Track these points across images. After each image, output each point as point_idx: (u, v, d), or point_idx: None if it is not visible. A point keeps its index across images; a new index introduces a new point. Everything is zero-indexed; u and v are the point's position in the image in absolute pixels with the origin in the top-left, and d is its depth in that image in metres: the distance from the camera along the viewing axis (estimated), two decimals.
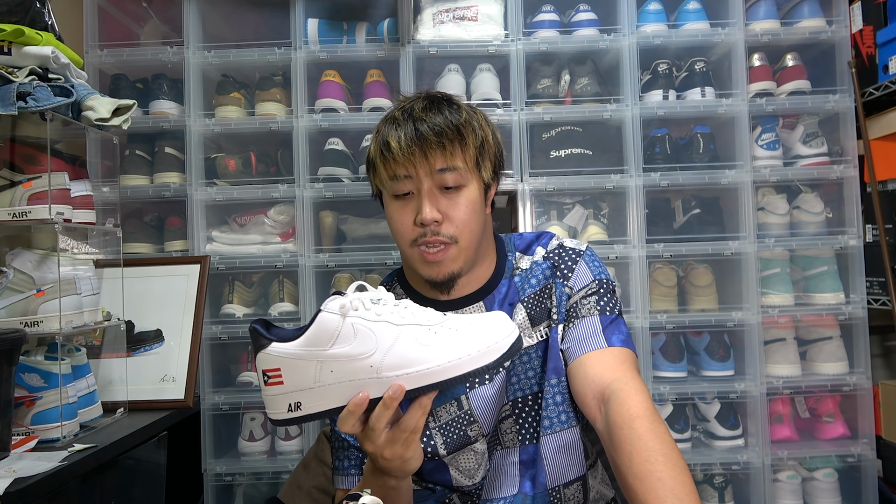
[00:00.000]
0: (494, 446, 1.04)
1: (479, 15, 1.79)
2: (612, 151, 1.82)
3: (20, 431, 1.21)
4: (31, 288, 1.26)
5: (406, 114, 0.97)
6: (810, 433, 1.85)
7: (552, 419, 1.00)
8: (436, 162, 0.94)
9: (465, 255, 0.98)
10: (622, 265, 1.79)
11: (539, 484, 1.01)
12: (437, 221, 0.95)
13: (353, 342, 0.73)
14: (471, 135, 0.97)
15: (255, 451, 1.79)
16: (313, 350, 0.73)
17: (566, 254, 1.05)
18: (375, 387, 0.73)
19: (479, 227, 0.99)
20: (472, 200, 0.97)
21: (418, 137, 0.94)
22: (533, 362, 1.02)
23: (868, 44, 1.85)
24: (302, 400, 0.74)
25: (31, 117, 1.26)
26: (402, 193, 0.97)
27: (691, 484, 0.75)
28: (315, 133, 1.84)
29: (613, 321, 0.99)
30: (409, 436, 0.77)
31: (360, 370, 0.73)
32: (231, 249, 1.81)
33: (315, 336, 0.73)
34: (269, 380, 0.74)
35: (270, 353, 0.74)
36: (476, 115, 1.02)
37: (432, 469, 1.04)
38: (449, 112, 0.97)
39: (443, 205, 0.96)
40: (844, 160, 1.80)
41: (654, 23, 1.83)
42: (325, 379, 0.73)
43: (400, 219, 0.98)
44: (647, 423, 0.81)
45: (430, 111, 0.97)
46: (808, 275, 1.84)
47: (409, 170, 0.95)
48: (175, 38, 1.83)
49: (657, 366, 1.82)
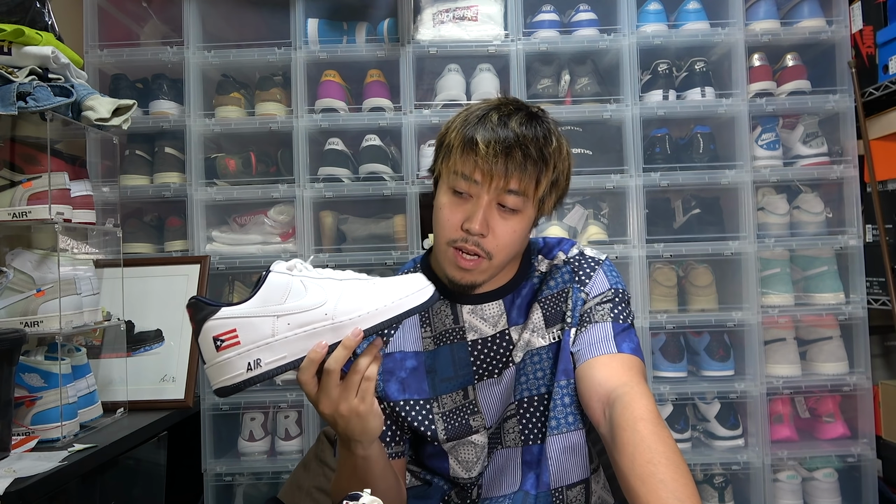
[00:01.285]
0: (495, 445, 1.05)
1: (479, 15, 1.79)
2: (612, 151, 1.82)
3: (20, 431, 1.21)
4: (31, 288, 1.26)
5: (502, 120, 0.95)
6: (810, 433, 1.85)
7: (559, 420, 1.01)
8: (510, 181, 0.94)
9: (494, 270, 0.99)
10: (622, 265, 1.79)
11: (542, 483, 1.01)
12: (482, 235, 0.95)
13: (305, 296, 0.78)
14: (552, 165, 0.96)
15: (255, 451, 1.79)
16: (268, 307, 0.77)
17: (585, 262, 1.06)
18: (331, 334, 0.78)
19: (515, 251, 1.00)
20: (522, 228, 0.98)
21: (506, 150, 0.92)
22: (543, 363, 1.03)
23: (868, 44, 1.85)
24: (261, 356, 0.77)
25: (31, 117, 1.26)
26: (461, 192, 0.97)
27: (693, 487, 0.76)
28: (315, 133, 1.84)
29: (625, 329, 1.00)
30: (364, 384, 0.81)
31: (315, 318, 0.77)
32: (231, 249, 1.81)
33: (268, 294, 0.77)
34: (223, 344, 0.76)
35: (221, 318, 0.76)
36: (563, 143, 1.00)
37: (431, 454, 1.06)
38: (542, 133, 0.96)
39: (494, 221, 0.95)
40: (844, 160, 1.80)
41: (654, 23, 1.83)
42: (282, 331, 0.77)
43: (449, 215, 0.97)
44: (650, 426, 0.83)
45: (526, 127, 0.95)
46: (808, 275, 1.84)
47: (482, 176, 0.94)
48: (175, 38, 1.83)
49: (657, 366, 1.82)
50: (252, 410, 1.79)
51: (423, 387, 1.04)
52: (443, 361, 1.04)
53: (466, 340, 1.04)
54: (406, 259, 1.76)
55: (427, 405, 1.03)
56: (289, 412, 1.80)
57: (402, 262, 1.76)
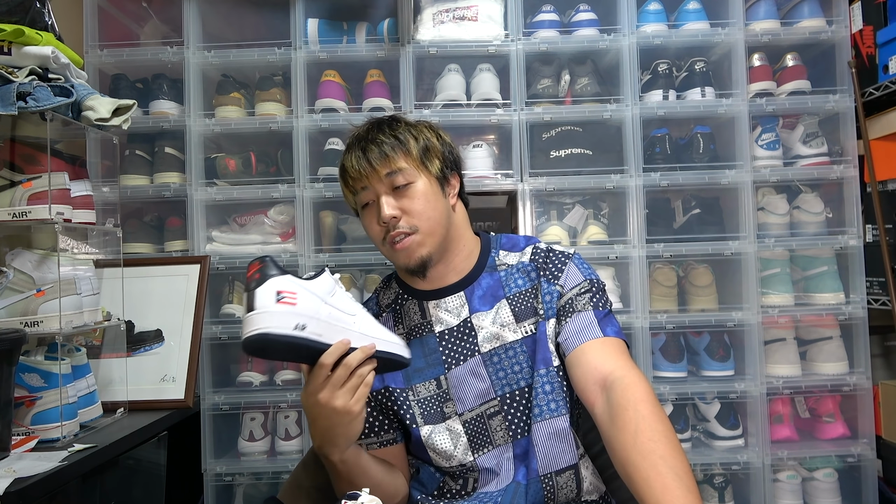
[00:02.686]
0: (485, 446, 1.09)
1: (479, 15, 1.79)
2: (612, 151, 1.82)
3: (20, 431, 1.21)
4: (31, 288, 1.26)
5: (356, 140, 1.12)
6: (810, 433, 1.85)
7: (542, 407, 1.06)
8: (382, 168, 1.07)
9: (431, 240, 1.09)
10: (622, 265, 1.79)
11: (532, 470, 1.05)
12: (395, 217, 1.07)
13: (345, 303, 0.95)
14: (410, 139, 1.10)
15: (255, 451, 1.79)
16: (321, 294, 0.92)
17: (555, 256, 1.14)
18: (354, 338, 0.93)
19: (437, 215, 1.09)
20: (424, 192, 1.09)
21: (365, 153, 1.08)
22: (518, 357, 1.09)
23: (868, 44, 1.85)
24: (308, 324, 0.89)
25: (31, 117, 1.26)
26: (365, 204, 1.11)
27: (688, 464, 0.85)
28: (315, 133, 1.84)
29: (606, 315, 1.08)
30: (362, 388, 0.93)
31: (346, 322, 0.93)
32: (231, 249, 1.81)
33: (322, 284, 0.93)
34: (284, 299, 0.87)
35: (291, 280, 0.89)
36: (417, 125, 1.15)
37: (415, 444, 1.13)
38: (389, 128, 1.12)
39: (398, 202, 1.08)
40: (844, 160, 1.80)
41: (654, 23, 1.83)
42: (325, 316, 0.91)
43: (369, 225, 1.11)
44: (650, 407, 0.91)
45: (374, 131, 1.11)
46: (808, 275, 1.84)
47: (364, 182, 1.09)
48: (175, 38, 1.83)
49: (657, 366, 1.82)
50: (252, 410, 1.79)
51: (398, 377, 1.13)
52: (415, 353, 1.11)
53: (434, 332, 1.12)
54: None
55: (403, 394, 1.13)
56: (289, 412, 1.80)
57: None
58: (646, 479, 0.83)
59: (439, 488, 1.12)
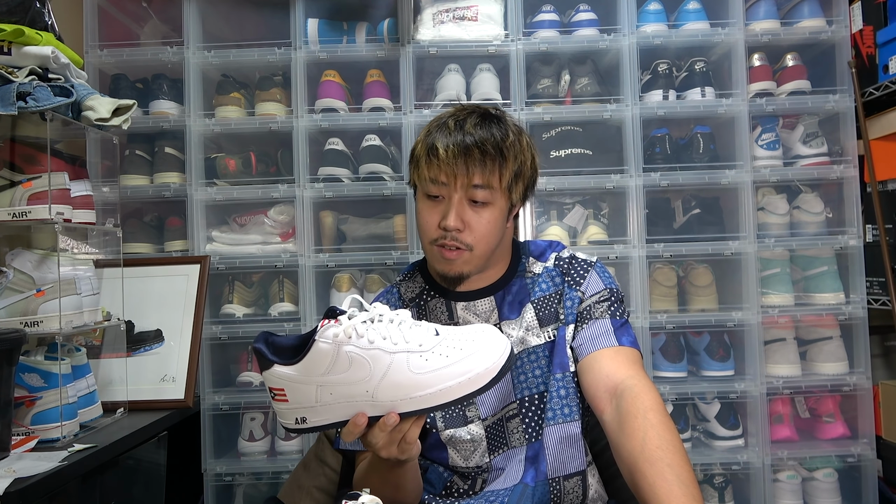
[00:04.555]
0: (501, 447, 1.08)
1: (479, 15, 1.79)
2: (612, 151, 1.82)
3: (20, 431, 1.21)
4: (31, 288, 1.26)
5: (458, 125, 1.04)
6: (810, 433, 1.85)
7: (556, 411, 1.06)
8: (473, 178, 1.02)
9: (478, 261, 1.07)
10: (622, 265, 1.79)
11: (540, 473, 1.05)
12: (458, 230, 1.03)
13: (349, 370, 0.78)
14: (510, 159, 1.04)
15: (255, 451, 1.79)
16: (311, 377, 0.79)
17: (578, 264, 1.13)
18: (372, 408, 0.80)
19: (495, 241, 1.07)
20: (495, 218, 1.05)
21: (464, 151, 1.02)
22: (540, 361, 1.09)
23: (868, 44, 1.85)
24: (307, 416, 0.81)
25: (31, 117, 1.26)
26: (434, 195, 1.05)
27: (693, 474, 0.85)
28: (315, 133, 1.84)
29: (623, 325, 1.07)
30: (404, 445, 0.83)
31: (356, 394, 0.79)
32: (231, 249, 1.81)
33: (311, 363, 0.78)
34: (276, 396, 0.81)
35: (274, 375, 0.80)
36: (522, 137, 1.09)
37: (431, 445, 1.10)
38: (497, 131, 1.05)
39: (467, 216, 1.04)
40: (844, 160, 1.80)
41: (654, 23, 1.83)
42: (325, 399, 0.80)
43: (427, 217, 1.06)
44: (659, 416, 0.91)
45: (481, 128, 1.04)
46: (808, 275, 1.84)
47: (447, 178, 1.03)
48: (175, 38, 1.83)
49: (657, 366, 1.82)
50: (252, 410, 1.79)
51: None
52: None
53: None
54: (406, 259, 1.76)
55: None
56: None
57: (402, 263, 1.76)
58: (651, 485, 0.84)
59: (447, 487, 1.11)
